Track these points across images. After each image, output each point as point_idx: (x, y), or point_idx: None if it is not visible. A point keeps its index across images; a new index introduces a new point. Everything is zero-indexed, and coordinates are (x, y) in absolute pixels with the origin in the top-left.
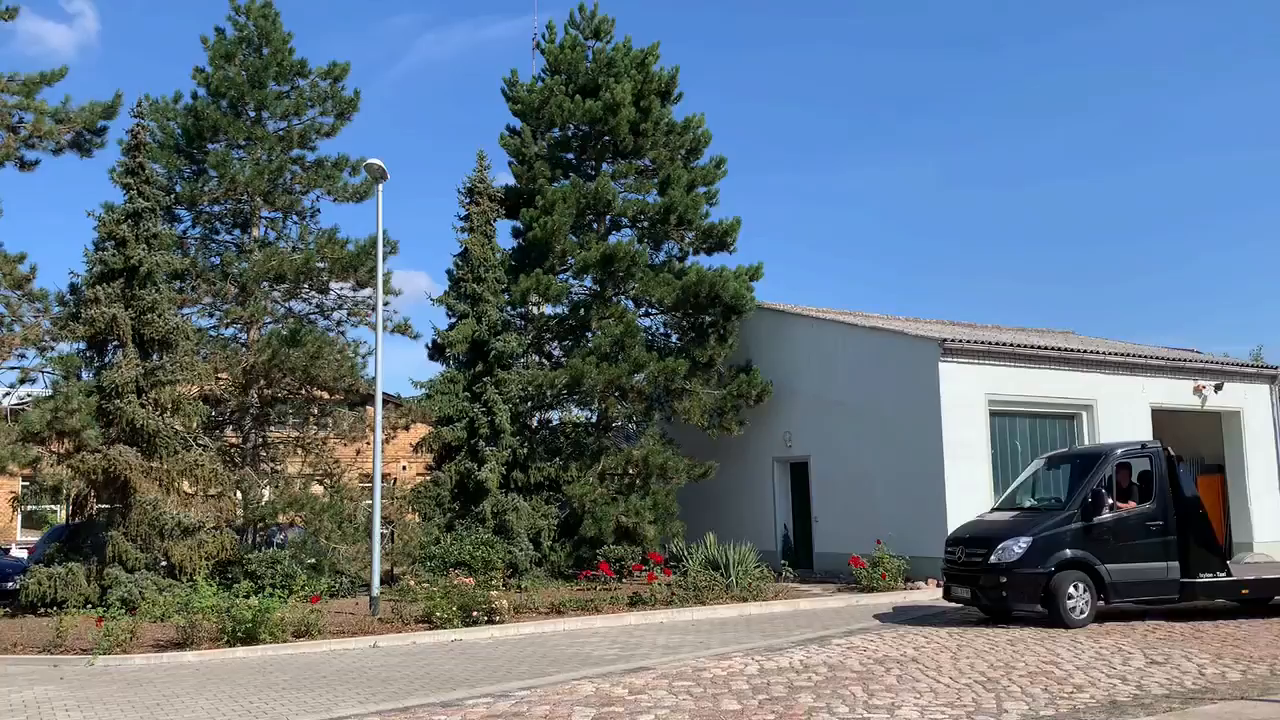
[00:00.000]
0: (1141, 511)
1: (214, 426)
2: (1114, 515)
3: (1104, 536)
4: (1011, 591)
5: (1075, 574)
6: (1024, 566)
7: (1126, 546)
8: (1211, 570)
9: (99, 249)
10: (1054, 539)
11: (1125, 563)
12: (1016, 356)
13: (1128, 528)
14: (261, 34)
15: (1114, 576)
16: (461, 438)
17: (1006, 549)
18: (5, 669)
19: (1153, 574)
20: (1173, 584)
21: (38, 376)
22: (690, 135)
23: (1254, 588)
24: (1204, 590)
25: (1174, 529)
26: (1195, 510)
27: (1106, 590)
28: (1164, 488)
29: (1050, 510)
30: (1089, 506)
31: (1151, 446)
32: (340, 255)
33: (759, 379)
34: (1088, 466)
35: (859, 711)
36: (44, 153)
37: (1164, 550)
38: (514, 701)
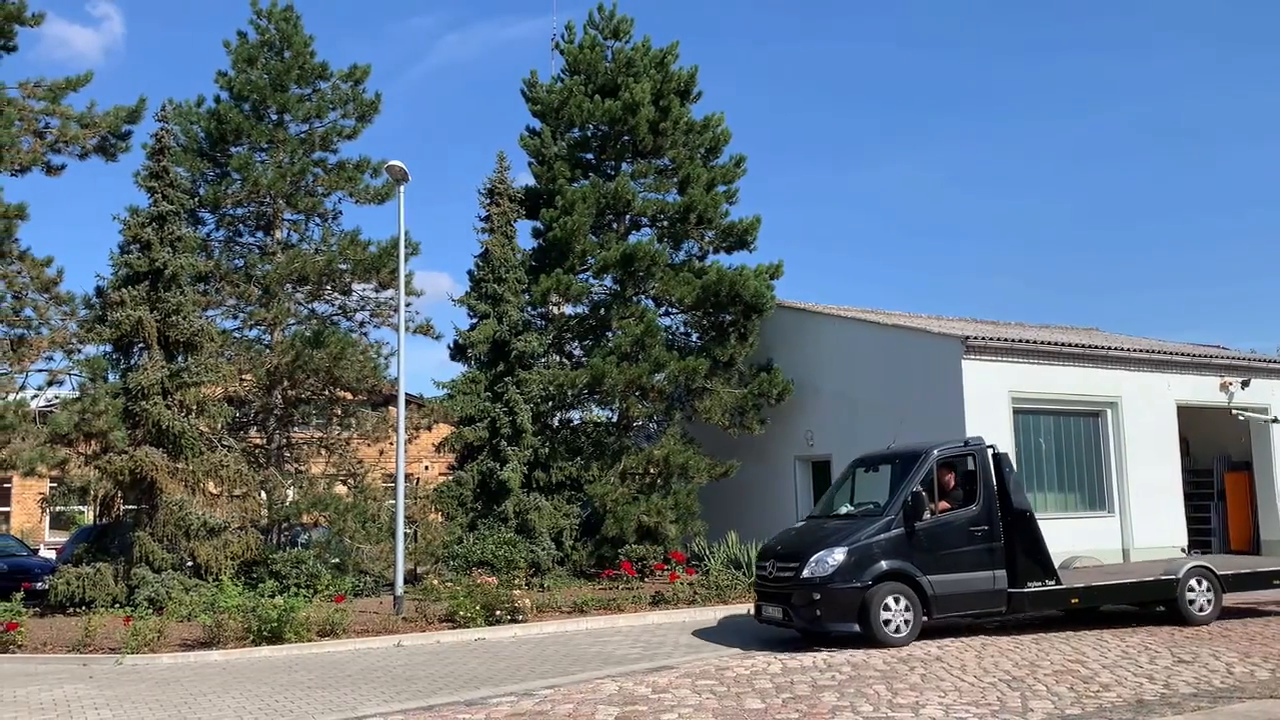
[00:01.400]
0: (966, 516)
1: (238, 427)
2: (935, 521)
3: (925, 545)
4: (826, 609)
5: (894, 587)
6: (839, 581)
7: (950, 555)
8: (1040, 579)
9: (124, 252)
10: (871, 548)
11: (949, 573)
12: (1040, 353)
13: (950, 534)
14: (283, 37)
15: (937, 589)
16: (483, 437)
17: (820, 562)
18: (35, 668)
19: (978, 584)
20: (1000, 595)
21: (65, 379)
22: (710, 134)
23: (1084, 596)
24: (1032, 601)
25: (1000, 534)
26: (1023, 513)
27: (929, 604)
28: (989, 490)
29: (869, 517)
30: (909, 511)
31: (975, 444)
32: (362, 257)
33: (780, 378)
34: (908, 467)
35: (883, 710)
36: (70, 157)
37: (989, 558)
38: (538, 700)
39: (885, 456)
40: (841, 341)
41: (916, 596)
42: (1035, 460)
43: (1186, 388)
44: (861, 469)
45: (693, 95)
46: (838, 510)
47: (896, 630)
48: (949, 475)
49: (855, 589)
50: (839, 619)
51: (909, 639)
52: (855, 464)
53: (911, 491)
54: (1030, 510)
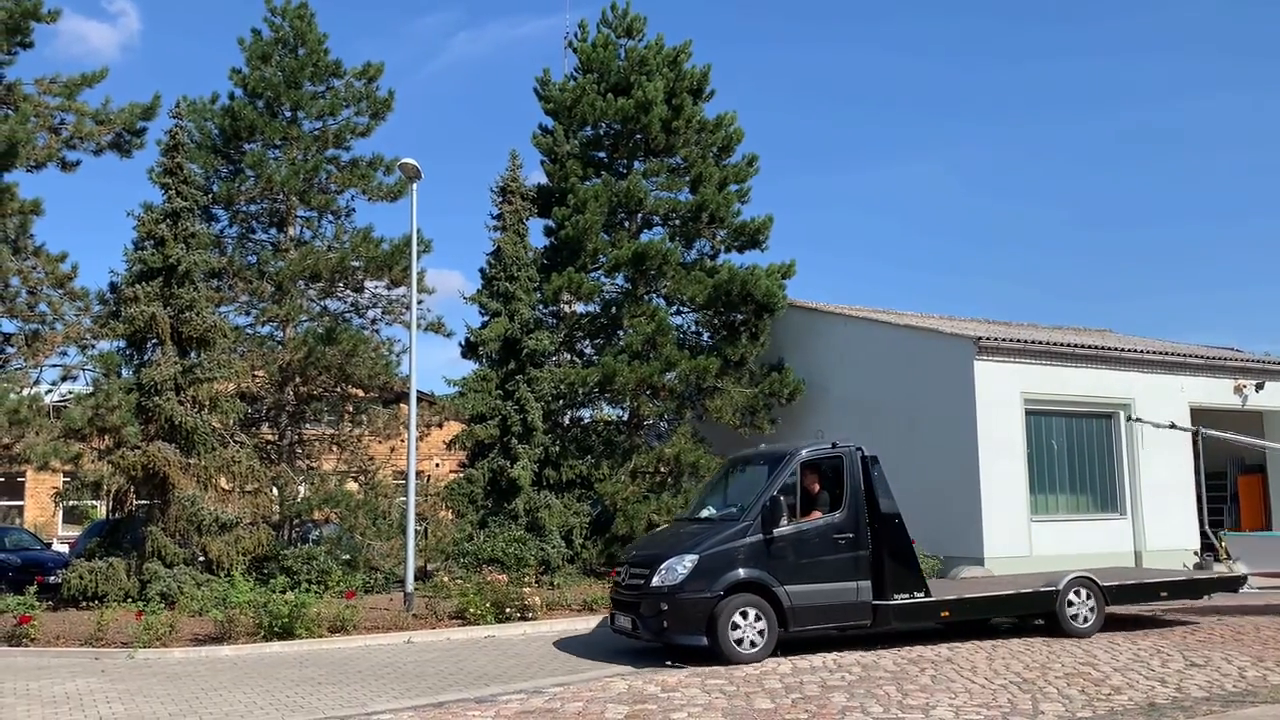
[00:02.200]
0: (829, 523)
1: (251, 424)
2: (796, 527)
3: (785, 552)
4: (672, 620)
5: (747, 598)
6: (687, 590)
7: (811, 564)
8: (909, 590)
9: (138, 248)
10: (725, 556)
11: (809, 583)
12: (1053, 355)
13: (813, 542)
14: (297, 35)
15: (795, 600)
16: (494, 435)
17: (669, 569)
18: (48, 661)
19: (841, 595)
20: (864, 607)
21: (79, 374)
22: (722, 133)
23: (955, 609)
24: (899, 613)
25: (867, 542)
26: (892, 520)
27: (786, 616)
28: (857, 495)
29: (727, 521)
30: (767, 517)
31: (844, 446)
32: (375, 254)
33: (791, 377)
34: (773, 470)
35: (893, 711)
36: (85, 153)
37: (854, 567)
38: (547, 698)
39: (754, 456)
40: (853, 341)
41: (772, 608)
42: (1048, 462)
43: (1200, 390)
44: (736, 468)
45: (705, 94)
46: (698, 514)
47: (749, 645)
48: (816, 479)
49: (705, 599)
50: (685, 631)
51: (761, 655)
52: (730, 463)
53: (771, 496)
54: (900, 518)
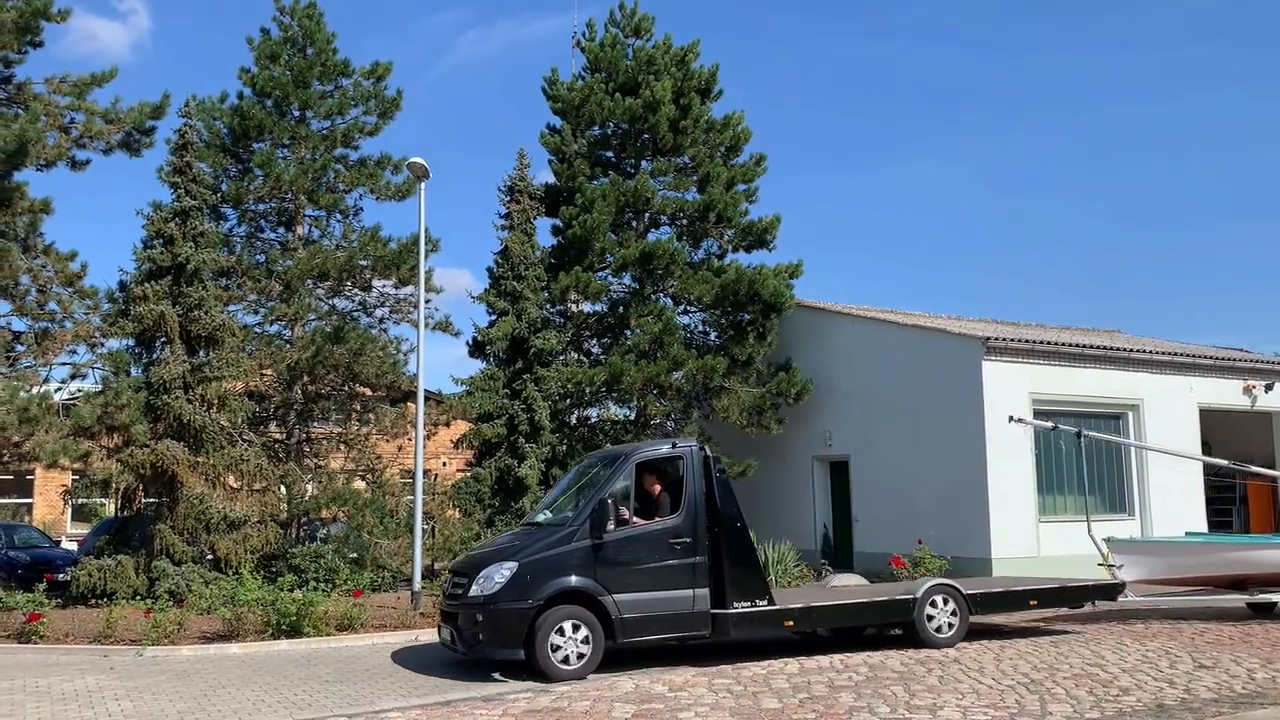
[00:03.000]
0: (664, 527)
1: (259, 422)
2: (627, 532)
3: (615, 559)
4: (488, 633)
5: (571, 609)
6: (504, 601)
7: (644, 571)
8: (750, 598)
9: (147, 247)
10: (548, 563)
11: (640, 592)
12: (1061, 355)
13: (646, 548)
14: (306, 34)
15: (624, 610)
16: (501, 434)
17: (487, 578)
18: (57, 658)
19: (675, 604)
20: (702, 616)
21: (88, 372)
22: (730, 132)
23: (800, 618)
24: (740, 623)
25: (705, 548)
26: (733, 525)
27: (614, 627)
28: (696, 498)
29: (555, 527)
30: (595, 522)
31: (684, 446)
32: (383, 253)
33: (799, 377)
34: (607, 471)
35: (900, 711)
36: (94, 152)
37: (690, 575)
38: (554, 697)
39: (597, 458)
40: (861, 341)
41: (599, 619)
42: (1055, 463)
43: (1209, 390)
44: (584, 471)
45: (713, 94)
46: (535, 518)
47: (571, 660)
48: (657, 481)
49: (523, 610)
50: (502, 645)
51: (584, 671)
52: (580, 465)
53: (599, 499)
54: (743, 521)
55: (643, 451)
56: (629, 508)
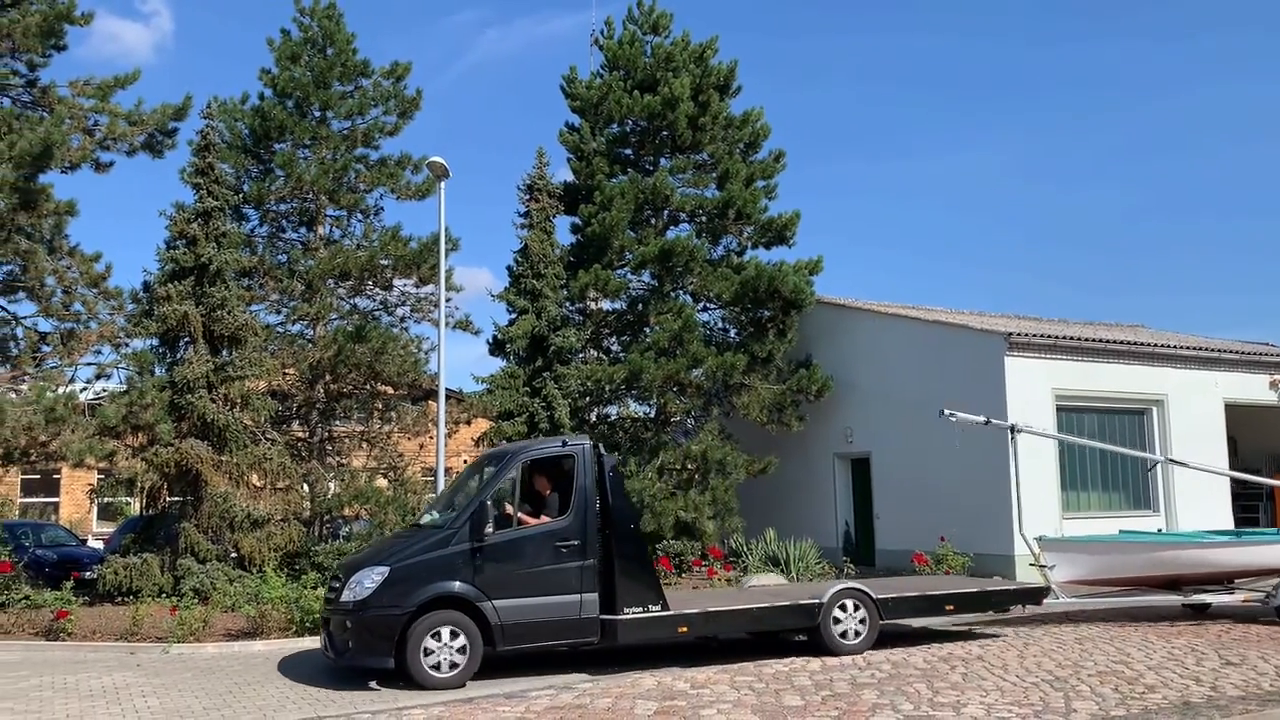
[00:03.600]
0: (550, 529)
1: (281, 421)
2: (511, 535)
3: (496, 563)
4: (358, 640)
5: (446, 615)
6: (374, 607)
7: (527, 576)
8: (643, 603)
9: (170, 247)
10: (424, 567)
11: (523, 597)
12: (1084, 350)
13: (530, 551)
14: (326, 35)
15: (504, 616)
16: (521, 432)
17: (358, 583)
18: (85, 655)
19: (561, 610)
20: (590, 623)
21: (113, 372)
22: (749, 129)
23: (695, 624)
24: (631, 629)
25: (595, 551)
26: (626, 527)
27: (494, 634)
28: (587, 498)
29: (435, 529)
30: (476, 523)
31: (575, 445)
32: (403, 253)
33: (819, 374)
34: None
35: (923, 709)
36: (118, 154)
37: (578, 579)
38: (576, 694)
39: (488, 456)
40: (882, 338)
41: (477, 626)
42: (1079, 459)
43: (1235, 385)
44: (478, 467)
45: (732, 90)
46: (420, 519)
47: (445, 669)
48: (547, 481)
49: (393, 617)
50: (371, 652)
51: (460, 679)
52: (473, 463)
53: (481, 500)
54: (636, 523)
55: (530, 450)
56: (515, 508)
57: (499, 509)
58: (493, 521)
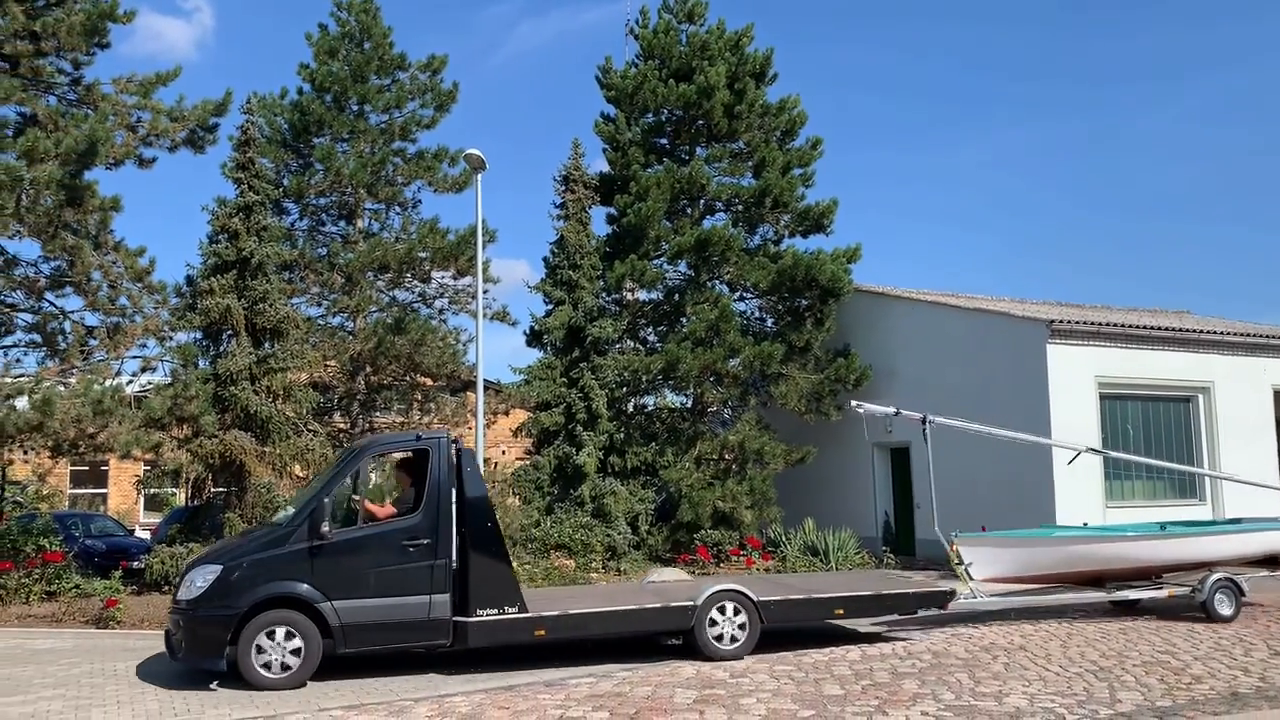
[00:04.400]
0: (398, 527)
1: (323, 412)
2: (353, 533)
3: (338, 562)
4: (190, 640)
5: (280, 615)
6: (206, 606)
7: (372, 575)
8: (498, 605)
9: (213, 241)
10: (259, 566)
11: (367, 597)
12: (1128, 337)
13: (376, 549)
14: (363, 29)
15: (344, 617)
16: (559, 423)
17: (190, 582)
18: (133, 643)
19: (408, 611)
20: (441, 624)
21: (158, 365)
22: (785, 116)
23: (555, 627)
24: (484, 632)
25: (448, 550)
26: (482, 526)
27: (334, 635)
28: (441, 495)
29: (277, 526)
30: (317, 520)
31: (430, 437)
32: (441, 245)
33: (857, 363)
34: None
35: (965, 698)
36: (160, 150)
37: (428, 579)
38: (616, 682)
39: (347, 449)
40: (921, 326)
41: (316, 627)
42: (1122, 447)
43: None
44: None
45: (768, 78)
46: (275, 515)
47: (270, 667)
48: (407, 477)
49: (225, 616)
50: (202, 653)
51: (294, 680)
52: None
53: (318, 497)
54: (494, 522)
55: (380, 444)
56: (363, 505)
57: (344, 505)
58: (336, 519)
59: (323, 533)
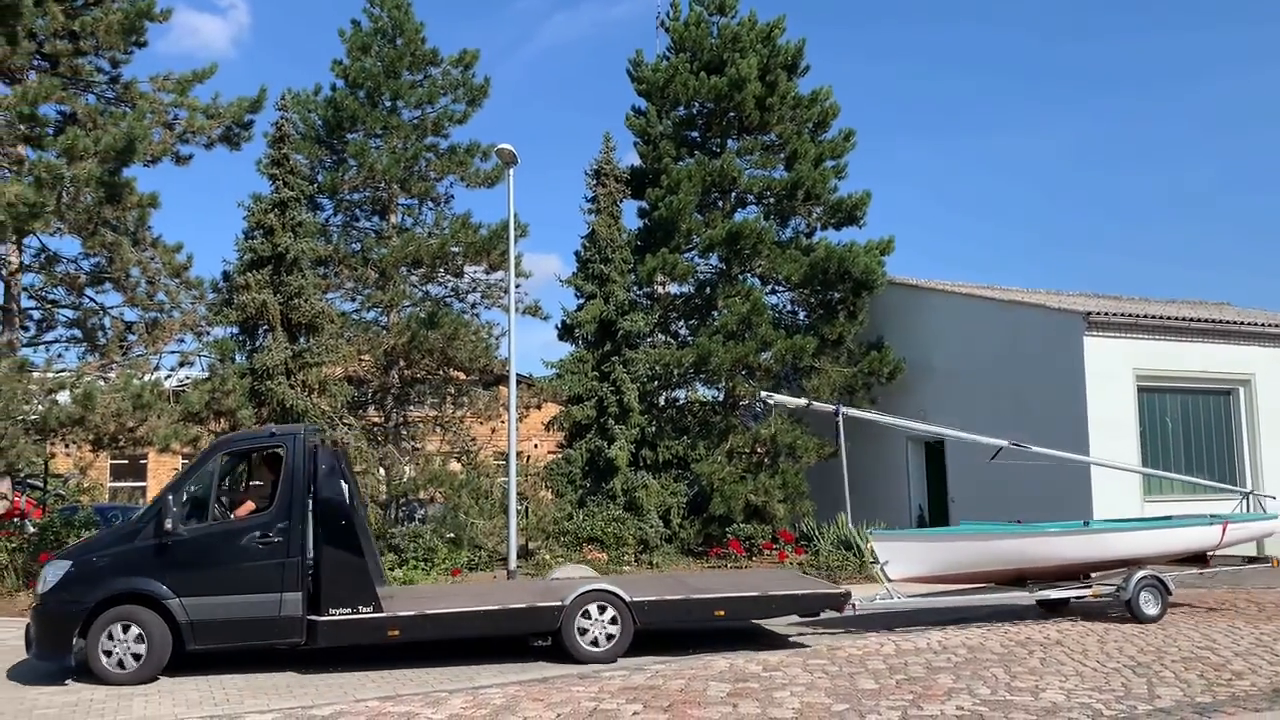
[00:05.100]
0: (250, 524)
1: (358, 406)
2: (203, 529)
3: (188, 559)
4: (40, 635)
5: (128, 611)
6: (53, 602)
7: (223, 572)
8: (351, 604)
9: (248, 237)
10: (108, 562)
11: (217, 594)
12: (1167, 329)
13: (227, 546)
14: (395, 24)
15: (193, 614)
16: (591, 416)
17: (44, 578)
18: None
19: (259, 609)
20: (293, 622)
21: (196, 360)
22: (818, 108)
23: (409, 628)
24: (332, 631)
25: (300, 548)
26: (336, 524)
27: (183, 632)
28: (295, 492)
29: (129, 522)
30: (167, 517)
31: (286, 434)
32: (473, 240)
33: (891, 356)
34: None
35: (1000, 693)
36: (197, 147)
37: (280, 577)
38: (649, 675)
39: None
40: (955, 318)
41: (165, 623)
42: (1161, 441)
43: None
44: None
45: (800, 69)
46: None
47: (113, 665)
48: (268, 473)
49: (73, 612)
50: (51, 648)
51: (140, 675)
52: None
53: (172, 492)
54: (349, 520)
55: (234, 441)
56: (215, 501)
57: (196, 502)
58: (186, 515)
59: (167, 529)
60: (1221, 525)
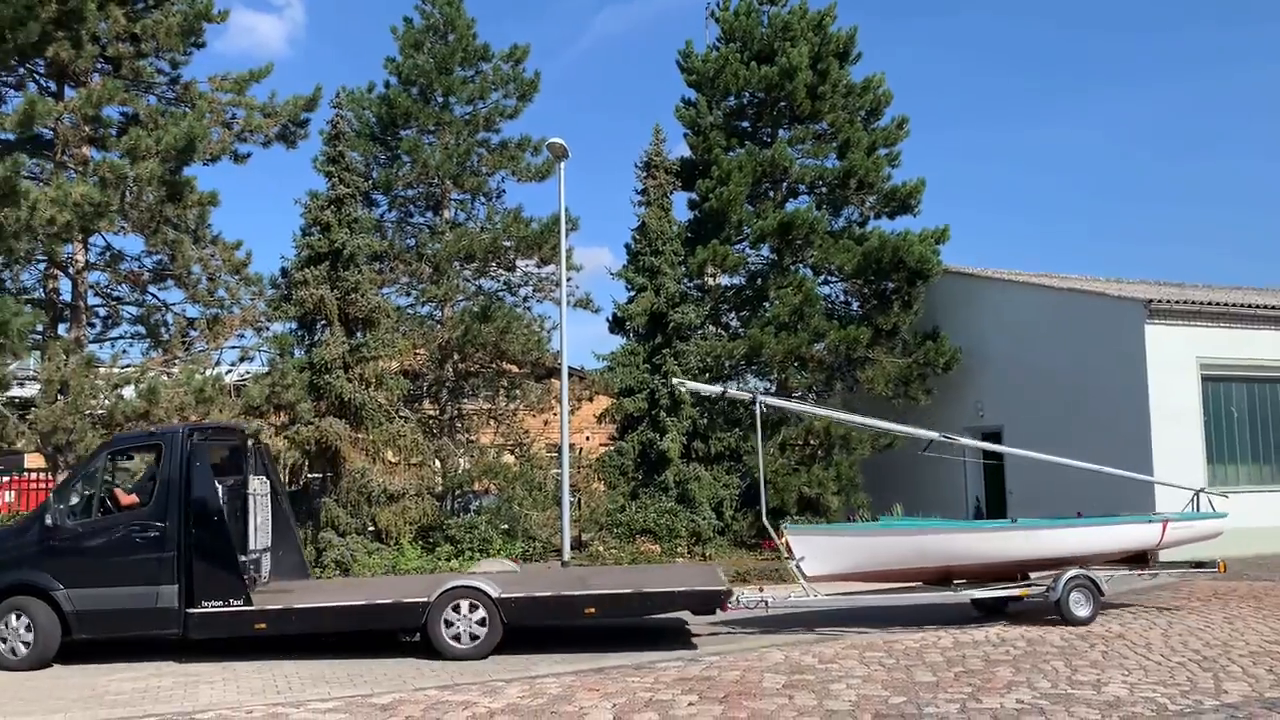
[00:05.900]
0: (130, 519)
1: (413, 399)
2: (88, 525)
3: (74, 552)
4: None
5: (17, 601)
6: None
7: (105, 565)
8: (222, 597)
9: (305, 234)
10: (5, 555)
11: (99, 586)
12: (1231, 316)
13: (108, 540)
14: (447, 21)
15: (78, 604)
16: (643, 408)
17: None
18: None
19: (137, 600)
20: (169, 614)
21: (255, 355)
22: (870, 96)
23: (276, 622)
24: (203, 624)
25: (177, 542)
26: (209, 518)
27: (69, 622)
28: (171, 488)
29: (25, 518)
30: (54, 512)
31: (165, 433)
32: (525, 234)
33: (947, 346)
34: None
35: (1061, 686)
36: (254, 145)
37: (157, 570)
38: (704, 666)
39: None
40: (1013, 307)
41: (54, 613)
42: (1226, 430)
43: None
44: None
45: (852, 57)
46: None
47: (15, 651)
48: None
49: None
50: None
51: (28, 661)
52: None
53: (59, 489)
54: (220, 516)
55: (119, 440)
56: (101, 497)
57: (83, 499)
58: (74, 512)
59: (48, 524)
60: (1161, 524)
